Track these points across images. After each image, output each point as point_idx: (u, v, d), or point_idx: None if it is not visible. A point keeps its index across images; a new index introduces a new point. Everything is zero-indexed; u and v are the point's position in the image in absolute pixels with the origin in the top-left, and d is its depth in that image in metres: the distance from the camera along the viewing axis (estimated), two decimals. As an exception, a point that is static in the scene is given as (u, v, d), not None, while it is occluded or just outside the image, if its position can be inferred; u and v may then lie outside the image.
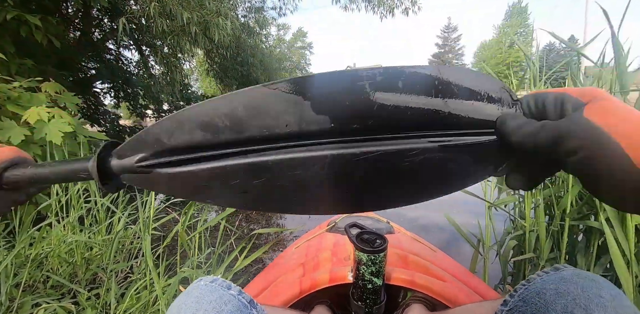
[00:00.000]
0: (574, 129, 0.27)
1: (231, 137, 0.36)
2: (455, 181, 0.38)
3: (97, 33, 6.25)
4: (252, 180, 0.37)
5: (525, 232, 1.45)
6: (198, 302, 0.43)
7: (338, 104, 0.35)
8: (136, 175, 0.39)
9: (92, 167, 0.38)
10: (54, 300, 1.23)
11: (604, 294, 0.39)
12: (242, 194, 0.38)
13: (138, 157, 0.38)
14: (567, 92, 0.31)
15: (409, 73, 0.36)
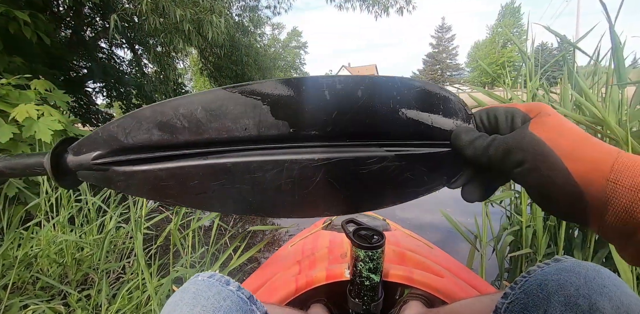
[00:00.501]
0: (520, 142, 0.30)
1: (190, 138, 0.36)
2: (410, 189, 0.38)
3: (89, 31, 6.18)
4: (211, 181, 0.37)
5: (522, 227, 1.45)
6: (195, 298, 0.41)
7: (298, 110, 0.36)
8: (92, 172, 0.38)
9: (46, 163, 0.38)
10: (43, 302, 1.21)
11: (607, 284, 0.39)
12: (201, 195, 0.37)
13: (95, 154, 0.38)
14: (516, 106, 0.34)
15: (369, 83, 0.36)
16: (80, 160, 0.38)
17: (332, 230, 1.12)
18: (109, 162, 0.38)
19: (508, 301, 0.45)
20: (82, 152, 0.38)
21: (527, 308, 0.42)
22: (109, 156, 0.38)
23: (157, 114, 0.37)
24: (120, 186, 0.38)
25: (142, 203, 1.48)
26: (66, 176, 0.40)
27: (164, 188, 0.37)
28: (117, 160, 0.37)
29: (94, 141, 0.38)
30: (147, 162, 0.37)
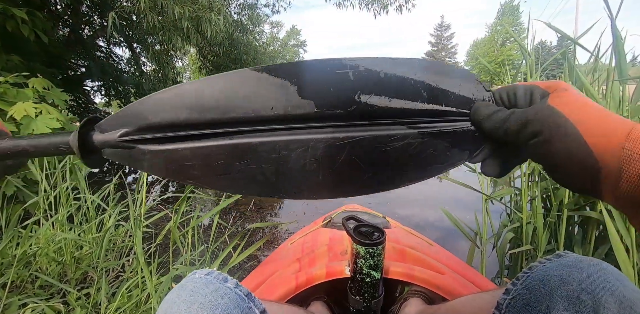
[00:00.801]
0: (538, 114, 0.31)
1: (216, 117, 0.37)
2: (433, 165, 0.39)
3: (87, 30, 6.15)
4: (236, 161, 0.37)
5: (522, 224, 1.45)
6: (192, 295, 0.41)
7: (323, 90, 0.37)
8: (118, 150, 0.38)
9: (72, 140, 0.37)
10: (42, 300, 1.20)
11: (610, 279, 0.39)
12: (225, 176, 0.37)
13: (121, 131, 0.37)
14: (536, 84, 0.35)
15: (391, 64, 0.38)
16: (106, 137, 0.38)
17: (331, 228, 1.12)
18: (135, 140, 0.37)
19: (510, 297, 0.44)
20: (108, 129, 0.38)
21: (530, 303, 0.42)
22: (135, 134, 0.37)
23: (186, 93, 0.37)
24: (145, 165, 0.38)
25: (142, 201, 1.48)
26: (92, 155, 0.39)
27: (188, 168, 0.37)
28: (144, 138, 0.37)
29: (122, 119, 0.38)
30: (173, 141, 0.37)
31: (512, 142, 0.33)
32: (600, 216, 1.18)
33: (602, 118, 0.28)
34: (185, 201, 1.37)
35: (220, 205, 1.35)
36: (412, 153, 0.38)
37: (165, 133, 0.37)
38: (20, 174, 1.95)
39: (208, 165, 0.37)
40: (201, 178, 0.38)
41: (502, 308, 0.45)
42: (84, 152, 0.38)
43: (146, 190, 1.51)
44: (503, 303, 0.45)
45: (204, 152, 0.37)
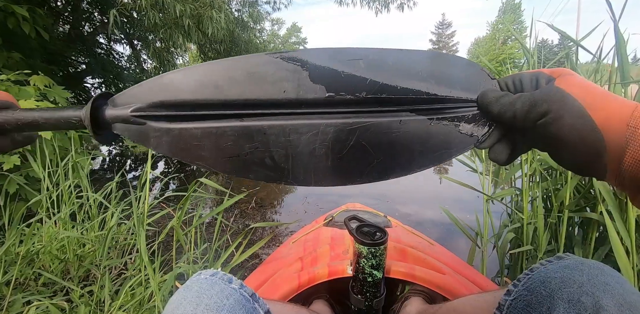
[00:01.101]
0: (546, 94, 0.32)
1: (229, 98, 0.37)
2: (442, 151, 0.40)
3: (88, 27, 6.14)
4: (245, 143, 0.37)
5: (522, 225, 1.45)
6: (198, 296, 0.41)
7: (334, 77, 0.37)
8: (129, 126, 0.38)
9: (84, 114, 0.37)
10: (45, 298, 1.21)
11: (610, 282, 0.39)
12: (233, 158, 0.38)
13: (134, 106, 0.38)
14: (541, 71, 0.36)
15: (399, 54, 0.39)
16: (118, 112, 0.38)
17: (333, 226, 1.12)
18: (147, 116, 0.38)
19: (511, 298, 0.45)
20: (121, 104, 0.39)
21: (531, 305, 0.42)
22: (147, 110, 0.38)
23: (201, 73, 0.38)
24: (154, 142, 0.38)
25: (145, 199, 1.48)
26: (103, 131, 0.40)
27: (197, 148, 0.38)
28: (156, 114, 0.38)
29: (135, 95, 0.38)
30: (184, 120, 0.38)
31: (520, 125, 0.34)
32: (601, 218, 1.19)
33: (607, 98, 0.29)
34: (188, 199, 1.37)
35: (223, 204, 1.36)
36: (421, 139, 0.39)
37: (177, 111, 0.38)
38: (22, 172, 1.96)
39: (217, 146, 0.37)
40: (209, 160, 0.38)
41: (504, 309, 0.45)
42: (95, 126, 0.38)
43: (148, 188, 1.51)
44: (504, 304, 0.45)
45: (215, 133, 0.37)
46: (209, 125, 0.37)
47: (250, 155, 0.38)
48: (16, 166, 1.89)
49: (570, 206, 1.31)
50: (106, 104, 0.39)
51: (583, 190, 1.33)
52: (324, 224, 1.15)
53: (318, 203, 3.27)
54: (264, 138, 0.37)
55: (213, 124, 0.37)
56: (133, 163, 5.92)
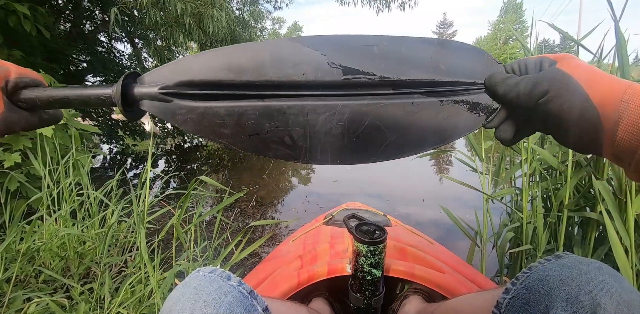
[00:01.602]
0: (546, 75, 0.34)
1: (252, 79, 0.39)
2: (451, 131, 0.42)
3: (89, 25, 6.12)
4: (266, 122, 0.40)
5: (522, 224, 1.45)
6: (197, 293, 0.41)
7: (350, 61, 0.40)
8: (156, 103, 0.41)
9: (116, 92, 0.39)
10: (46, 295, 1.21)
11: (608, 280, 0.39)
12: (254, 136, 0.40)
13: (162, 84, 0.40)
14: (545, 55, 0.38)
15: (411, 41, 0.41)
16: (147, 89, 0.40)
17: (332, 225, 1.12)
18: (174, 93, 0.40)
19: (510, 296, 0.45)
20: (149, 82, 0.41)
21: (529, 303, 0.42)
22: (174, 88, 0.40)
23: (226, 55, 0.40)
24: (180, 119, 0.40)
25: (145, 197, 1.49)
26: (131, 108, 0.42)
27: (220, 126, 0.40)
28: (182, 93, 0.40)
29: (162, 74, 0.41)
30: (209, 99, 0.40)
31: (524, 104, 0.36)
32: (600, 218, 1.19)
33: (604, 78, 0.31)
34: (189, 198, 1.38)
35: (224, 202, 1.36)
36: (433, 119, 0.41)
37: (203, 90, 0.40)
38: (23, 169, 1.96)
39: (239, 124, 0.40)
40: (231, 137, 0.40)
41: (502, 307, 0.45)
42: (124, 103, 0.40)
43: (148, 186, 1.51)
44: (503, 302, 0.46)
45: (237, 111, 0.40)
46: (232, 104, 0.40)
47: (270, 133, 0.40)
48: (17, 163, 1.89)
49: (569, 205, 1.31)
50: (135, 82, 0.41)
51: (583, 190, 1.33)
52: (323, 223, 1.15)
53: (318, 202, 3.27)
54: (283, 118, 0.39)
55: (235, 103, 0.40)
56: (134, 162, 5.93)
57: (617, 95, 0.29)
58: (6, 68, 0.40)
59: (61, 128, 2.15)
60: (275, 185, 3.98)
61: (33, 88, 0.41)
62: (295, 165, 5.48)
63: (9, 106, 0.39)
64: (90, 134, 3.09)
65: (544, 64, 0.37)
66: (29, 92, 0.40)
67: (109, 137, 6.56)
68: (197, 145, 8.04)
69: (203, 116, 0.40)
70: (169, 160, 6.18)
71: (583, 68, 0.33)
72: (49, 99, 0.40)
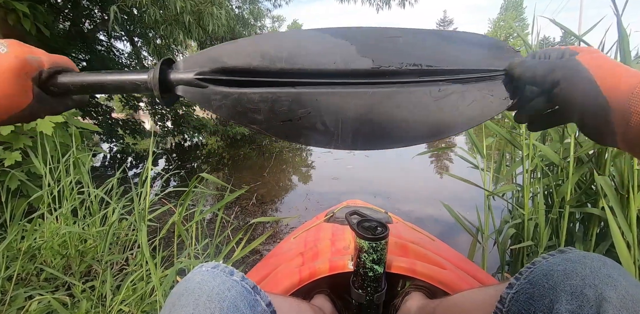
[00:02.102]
0: (563, 64, 0.35)
1: (286, 67, 0.41)
2: (477, 113, 0.43)
3: (88, 24, 6.11)
4: (298, 108, 0.41)
5: (523, 220, 1.45)
6: (200, 288, 0.41)
7: (378, 51, 0.41)
8: (191, 88, 0.42)
9: (152, 77, 0.40)
10: (47, 292, 1.21)
11: (613, 274, 0.39)
12: (287, 122, 0.41)
13: (198, 70, 0.41)
14: (569, 47, 0.38)
15: (434, 33, 0.43)
16: (183, 75, 0.41)
17: (334, 222, 1.12)
18: (209, 79, 0.41)
19: (513, 291, 0.45)
20: (186, 68, 0.42)
21: (533, 297, 0.42)
22: (210, 74, 0.41)
23: (260, 43, 0.42)
24: (214, 105, 0.41)
25: (146, 194, 1.48)
26: (167, 93, 0.42)
27: (253, 112, 0.41)
28: (217, 79, 0.41)
29: (198, 60, 0.42)
30: (243, 85, 0.41)
31: (539, 85, 0.37)
32: (602, 213, 1.19)
33: (615, 68, 0.32)
34: (190, 195, 1.37)
35: (225, 199, 1.36)
36: (459, 104, 0.42)
37: (237, 77, 0.41)
38: (23, 168, 1.96)
39: (272, 110, 0.41)
40: (264, 123, 0.41)
41: (505, 302, 0.45)
42: (160, 89, 0.40)
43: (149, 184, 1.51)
44: (506, 297, 0.45)
45: (270, 98, 0.41)
46: (266, 91, 0.41)
47: (302, 120, 0.41)
48: (17, 162, 1.89)
49: (571, 201, 1.31)
50: (170, 68, 0.42)
51: (584, 186, 1.33)
52: (324, 220, 1.15)
53: (319, 200, 3.27)
54: (315, 104, 0.41)
55: (269, 90, 0.41)
56: (134, 161, 5.93)
57: (629, 88, 0.29)
58: (39, 59, 0.40)
59: (61, 126, 2.15)
60: (275, 184, 3.98)
61: (66, 73, 0.41)
62: (295, 163, 5.48)
63: (38, 96, 0.39)
64: (91, 133, 3.09)
65: (565, 54, 0.37)
66: (64, 77, 0.41)
67: (109, 136, 6.56)
68: (197, 144, 8.04)
69: (237, 102, 0.41)
70: (169, 158, 6.18)
71: (599, 60, 0.34)
72: (82, 84, 0.41)
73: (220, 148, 7.37)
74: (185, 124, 7.61)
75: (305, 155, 6.32)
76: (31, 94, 0.38)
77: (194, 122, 7.74)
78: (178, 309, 0.39)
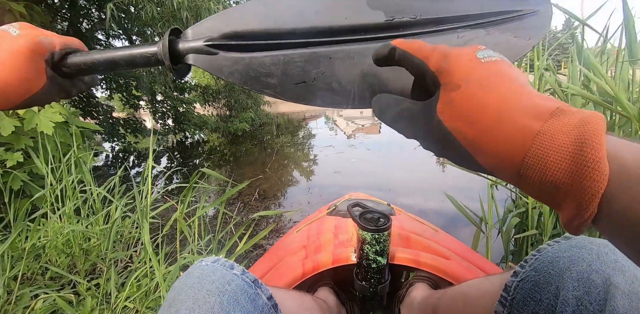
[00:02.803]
0: (429, 132, 0.27)
1: (296, 26, 0.39)
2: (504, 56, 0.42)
3: (86, 23, 6.09)
4: (312, 69, 0.39)
5: (527, 209, 1.44)
6: (200, 282, 0.41)
7: (390, 2, 0.39)
8: (203, 56, 0.40)
9: (162, 48, 0.39)
10: (53, 291, 1.22)
11: (620, 259, 0.39)
12: (301, 84, 0.40)
13: (207, 37, 0.40)
14: (428, 62, 0.28)
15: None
16: (192, 43, 0.40)
17: (336, 215, 1.12)
18: (220, 45, 0.40)
19: (518, 279, 0.44)
20: (193, 36, 0.41)
21: (539, 285, 0.42)
22: (219, 40, 0.40)
23: (267, 5, 0.40)
24: (226, 71, 0.40)
25: (147, 192, 1.48)
26: (178, 65, 0.42)
27: (266, 76, 0.40)
28: (227, 44, 0.40)
29: (207, 26, 0.41)
30: (254, 49, 0.40)
31: None
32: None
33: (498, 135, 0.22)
34: (191, 190, 1.37)
35: (226, 193, 1.36)
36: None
37: (248, 41, 0.40)
38: (25, 168, 1.96)
39: (285, 73, 0.39)
40: (278, 87, 0.40)
41: (511, 290, 0.45)
42: (171, 60, 0.40)
43: (151, 182, 1.51)
44: (511, 285, 0.45)
45: (283, 60, 0.39)
46: (277, 53, 0.39)
47: (317, 80, 0.39)
48: (19, 163, 1.90)
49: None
50: (179, 38, 0.41)
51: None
52: (327, 213, 1.15)
53: (321, 194, 3.27)
54: (329, 63, 0.39)
55: (281, 52, 0.39)
56: (136, 159, 5.95)
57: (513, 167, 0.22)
58: (51, 40, 0.40)
59: (62, 126, 2.15)
60: (277, 179, 3.98)
61: (77, 53, 0.41)
62: (297, 157, 5.48)
63: (51, 78, 0.39)
64: (92, 132, 3.10)
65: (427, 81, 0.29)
66: (74, 57, 0.41)
67: (111, 135, 6.57)
68: (199, 141, 8.05)
69: (249, 67, 0.40)
70: (171, 156, 6.19)
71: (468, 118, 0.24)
72: (94, 62, 0.41)
73: (221, 145, 7.37)
74: (186, 121, 7.61)
75: (306, 149, 6.31)
76: (44, 76, 0.38)
77: (195, 119, 7.74)
78: (178, 304, 0.38)
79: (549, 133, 0.20)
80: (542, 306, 0.40)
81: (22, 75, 0.37)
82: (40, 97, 0.39)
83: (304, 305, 0.62)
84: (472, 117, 0.24)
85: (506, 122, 0.22)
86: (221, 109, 9.09)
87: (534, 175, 0.21)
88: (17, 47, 0.36)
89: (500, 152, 0.22)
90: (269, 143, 7.10)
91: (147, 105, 7.56)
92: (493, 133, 0.22)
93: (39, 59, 0.38)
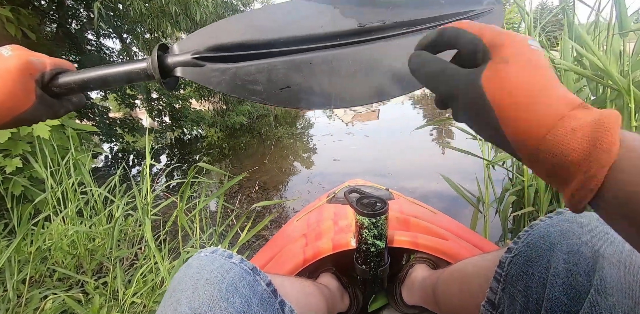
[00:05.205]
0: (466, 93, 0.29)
1: (277, 36, 0.42)
2: None
3: (75, 24, 6.01)
4: (295, 74, 0.42)
5: (524, 187, 1.45)
6: (199, 272, 0.42)
7: (361, 10, 0.43)
8: (190, 69, 0.43)
9: (152, 63, 0.41)
10: (62, 291, 1.24)
11: (609, 231, 0.39)
12: (285, 89, 0.43)
13: (193, 51, 0.42)
14: (482, 38, 0.30)
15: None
16: (180, 57, 0.43)
17: (336, 203, 1.12)
18: (206, 57, 0.42)
19: (512, 255, 0.45)
20: (181, 50, 0.43)
21: (531, 259, 0.42)
22: (205, 53, 0.42)
23: (251, 17, 0.43)
24: (214, 82, 0.43)
25: (147, 190, 1.49)
26: (167, 78, 0.44)
27: (252, 83, 0.42)
28: (213, 56, 0.42)
29: (193, 40, 0.43)
30: (239, 60, 0.42)
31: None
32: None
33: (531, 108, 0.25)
34: (189, 186, 1.38)
35: (224, 186, 1.37)
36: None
37: (232, 52, 0.42)
38: (25, 173, 1.97)
39: (270, 79, 0.42)
40: (264, 93, 0.43)
41: (505, 266, 0.45)
42: (161, 73, 0.42)
43: (150, 180, 1.52)
44: (505, 261, 0.45)
45: (266, 68, 0.42)
46: (261, 62, 0.42)
47: (299, 85, 0.42)
48: (18, 168, 1.90)
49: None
50: (166, 53, 0.44)
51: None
52: (326, 201, 1.15)
53: (321, 183, 3.28)
54: (310, 68, 0.42)
55: (264, 61, 0.42)
56: (136, 158, 5.95)
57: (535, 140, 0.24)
58: (41, 61, 0.41)
59: (58, 129, 2.15)
60: (277, 170, 3.99)
61: (66, 73, 0.43)
62: (295, 148, 5.48)
63: (40, 98, 0.40)
64: (89, 134, 3.09)
65: (477, 54, 0.30)
66: (65, 76, 0.42)
67: (109, 136, 6.56)
68: (197, 137, 8.04)
69: (235, 76, 0.42)
70: (170, 154, 6.20)
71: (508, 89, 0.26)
72: (83, 80, 0.42)
73: (220, 139, 7.36)
74: (183, 118, 7.58)
75: (305, 139, 6.31)
76: (34, 96, 0.39)
77: (192, 115, 7.71)
78: (178, 293, 0.39)
79: (574, 117, 0.23)
80: (534, 279, 0.41)
81: (11, 93, 0.37)
82: (27, 116, 0.40)
83: (305, 290, 0.63)
84: (515, 89, 0.26)
85: (542, 101, 0.25)
86: (217, 103, 9.03)
87: (552, 148, 0.23)
88: (7, 66, 0.37)
89: (528, 124, 0.25)
90: (268, 135, 7.09)
91: (142, 104, 7.52)
92: (528, 107, 0.25)
93: (29, 79, 0.39)
